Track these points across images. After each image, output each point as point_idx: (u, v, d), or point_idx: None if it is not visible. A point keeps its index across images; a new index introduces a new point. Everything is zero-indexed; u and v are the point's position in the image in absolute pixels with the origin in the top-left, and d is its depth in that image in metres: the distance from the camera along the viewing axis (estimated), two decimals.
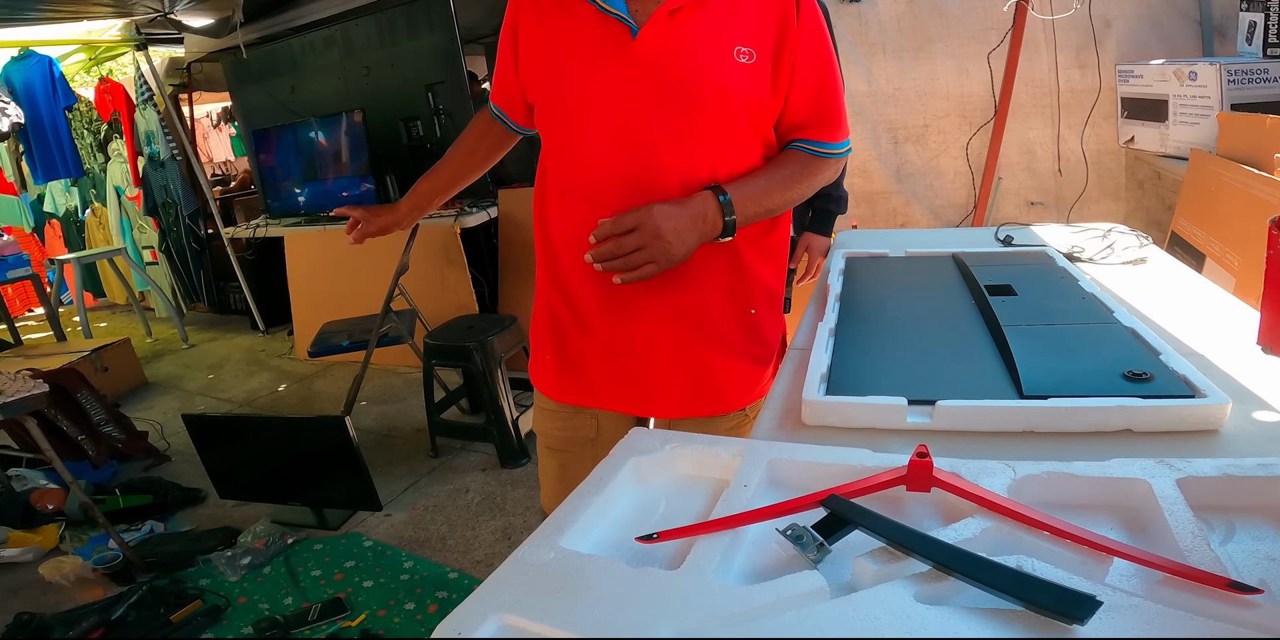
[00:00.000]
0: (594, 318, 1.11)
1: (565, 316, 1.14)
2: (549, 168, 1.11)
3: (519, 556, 0.62)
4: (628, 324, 1.09)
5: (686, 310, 1.09)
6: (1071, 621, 0.48)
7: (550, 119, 1.08)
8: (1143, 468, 0.66)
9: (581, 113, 1.03)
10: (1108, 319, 1.06)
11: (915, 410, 0.87)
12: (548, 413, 1.23)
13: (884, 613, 0.51)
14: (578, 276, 1.10)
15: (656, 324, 1.08)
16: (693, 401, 1.14)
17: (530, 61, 1.08)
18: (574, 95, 1.03)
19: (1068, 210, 2.81)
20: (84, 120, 4.81)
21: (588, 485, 0.73)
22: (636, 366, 1.11)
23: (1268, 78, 2.01)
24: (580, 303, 1.11)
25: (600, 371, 1.13)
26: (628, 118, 1.00)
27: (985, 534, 0.60)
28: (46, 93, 4.28)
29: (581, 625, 0.53)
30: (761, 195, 1.04)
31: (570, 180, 1.08)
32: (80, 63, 4.90)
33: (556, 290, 1.14)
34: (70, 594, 2.18)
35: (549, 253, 1.15)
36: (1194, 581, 0.51)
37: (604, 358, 1.12)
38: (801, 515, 0.64)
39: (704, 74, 0.98)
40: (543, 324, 1.19)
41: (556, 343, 1.16)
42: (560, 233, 1.11)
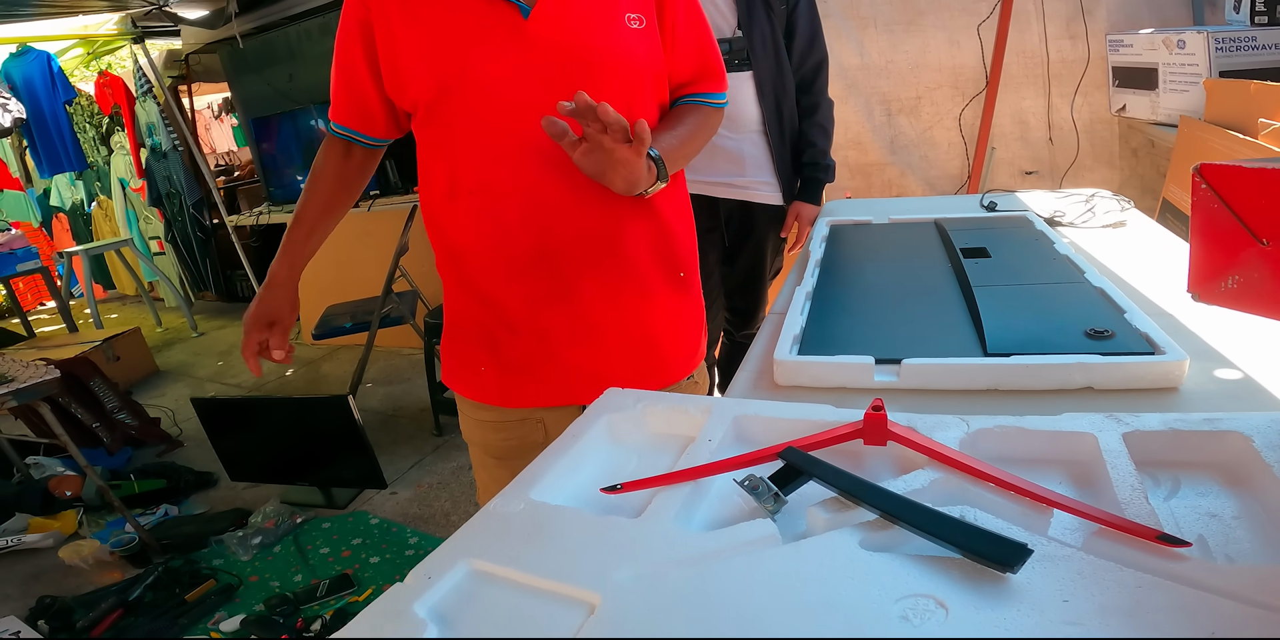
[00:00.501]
0: (524, 315, 1.05)
1: (491, 322, 1.07)
2: (448, 169, 1.02)
3: (490, 508, 0.65)
4: (568, 311, 1.04)
5: (625, 283, 1.05)
6: (1004, 569, 0.50)
7: (445, 117, 0.99)
8: (1091, 422, 0.68)
9: (486, 103, 0.96)
10: (1078, 279, 1.09)
11: (883, 369, 0.90)
12: (489, 424, 1.14)
13: (830, 558, 0.54)
14: (499, 279, 1.03)
15: (597, 303, 1.04)
16: (643, 376, 1.11)
17: (407, 60, 0.97)
18: (473, 86, 0.96)
19: (1060, 178, 2.81)
20: (85, 114, 4.85)
21: (561, 442, 0.76)
22: (582, 353, 1.06)
23: (1255, 45, 2.00)
24: (506, 304, 1.05)
25: (546, 367, 1.07)
26: (539, 100, 0.95)
27: (934, 485, 0.62)
28: (46, 88, 4.32)
29: (546, 568, 0.56)
30: (679, 150, 1.04)
31: (482, 177, 1.00)
32: (78, 57, 4.92)
33: (475, 298, 1.07)
34: (90, 577, 2.25)
35: (458, 260, 1.06)
36: (1127, 533, 0.52)
37: (547, 353, 1.06)
38: (760, 467, 0.67)
39: (605, 45, 0.97)
40: (467, 335, 1.11)
41: (490, 350, 1.08)
42: (473, 235, 1.03)
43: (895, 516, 0.57)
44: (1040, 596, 0.48)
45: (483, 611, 0.53)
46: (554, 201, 0.99)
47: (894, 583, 0.51)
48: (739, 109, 1.80)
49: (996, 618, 0.47)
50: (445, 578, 0.56)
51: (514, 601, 0.54)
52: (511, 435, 1.14)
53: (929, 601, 0.49)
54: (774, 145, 1.83)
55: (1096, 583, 0.48)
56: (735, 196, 1.87)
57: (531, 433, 1.13)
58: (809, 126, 1.88)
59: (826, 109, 1.90)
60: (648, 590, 0.52)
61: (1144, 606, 0.46)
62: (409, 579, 0.56)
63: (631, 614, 0.50)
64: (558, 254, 1.01)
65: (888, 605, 0.49)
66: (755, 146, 1.84)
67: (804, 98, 1.87)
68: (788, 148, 1.87)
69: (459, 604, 0.54)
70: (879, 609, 0.48)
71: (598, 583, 0.53)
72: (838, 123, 2.04)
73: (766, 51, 1.77)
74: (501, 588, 0.56)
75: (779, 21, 1.79)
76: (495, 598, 0.55)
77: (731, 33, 1.78)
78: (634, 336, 1.08)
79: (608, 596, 0.52)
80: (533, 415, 1.12)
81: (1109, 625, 0.45)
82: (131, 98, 4.57)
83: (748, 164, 1.84)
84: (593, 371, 1.07)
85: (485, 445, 1.17)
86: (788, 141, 1.86)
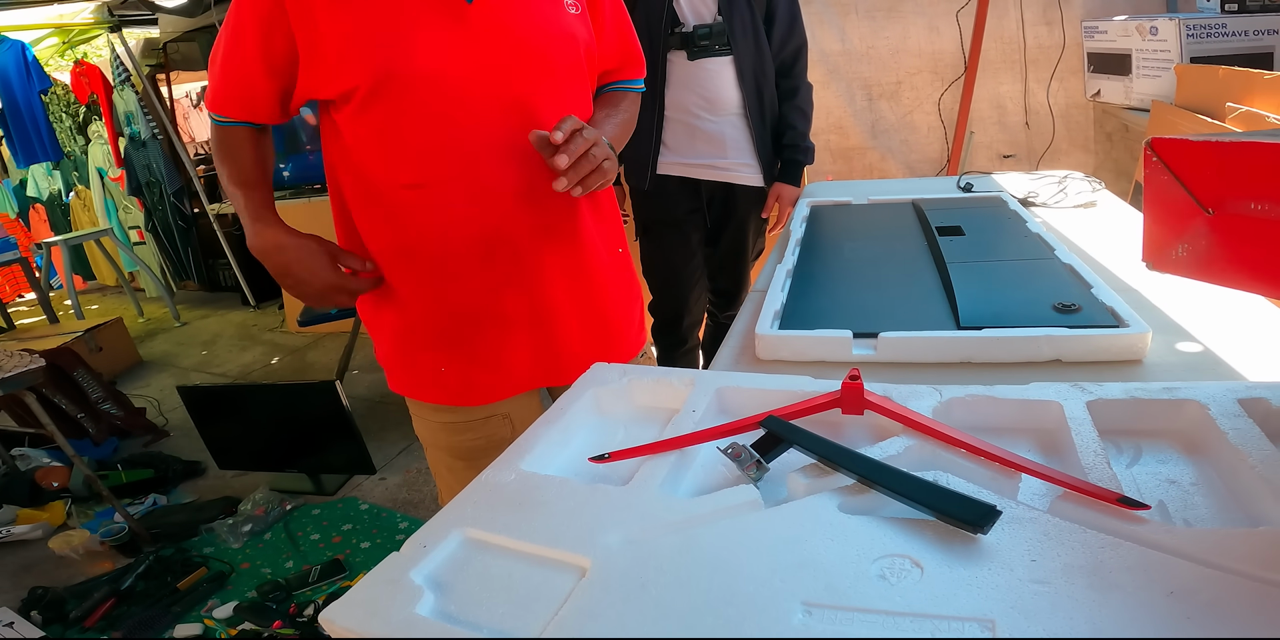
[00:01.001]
0: (483, 303, 1.02)
1: (448, 318, 1.03)
2: (388, 163, 0.96)
3: (482, 479, 0.66)
4: (527, 295, 1.03)
5: (577, 262, 1.06)
6: (975, 530, 0.52)
7: (383, 107, 0.92)
8: (1057, 391, 0.70)
9: (430, 92, 0.92)
10: (1047, 256, 1.12)
11: (860, 343, 0.93)
12: (452, 426, 1.11)
13: (810, 521, 0.56)
14: (455, 270, 1.00)
15: (555, 284, 1.04)
16: (600, 354, 1.08)
17: (334, 47, 0.90)
18: (416, 75, 0.91)
19: (1037, 162, 2.86)
20: (62, 103, 4.78)
21: (550, 415, 0.77)
22: (543, 335, 1.06)
23: (1225, 32, 2.05)
24: (464, 295, 1.02)
25: (509, 355, 1.06)
26: (485, 87, 0.93)
27: (908, 452, 0.64)
28: (21, 77, 4.25)
29: (537, 535, 0.57)
30: (620, 137, 1.07)
31: (433, 167, 0.95)
32: (53, 47, 4.84)
33: (429, 295, 1.03)
34: (80, 567, 2.25)
35: (407, 257, 1.01)
36: (1089, 497, 0.55)
37: (509, 339, 1.05)
38: (742, 436, 0.70)
39: (550, 28, 0.97)
40: (421, 338, 1.06)
41: (449, 348, 1.05)
42: (423, 230, 0.98)
43: (872, 481, 0.59)
44: (1009, 556, 0.50)
45: (477, 577, 0.55)
46: (505, 188, 0.97)
47: (871, 543, 0.53)
48: (720, 93, 1.82)
49: (968, 576, 0.49)
50: (440, 546, 0.57)
51: (507, 567, 0.55)
52: (478, 435, 1.11)
53: (905, 561, 0.51)
54: (754, 128, 1.86)
55: (1061, 543, 0.51)
56: (717, 178, 1.90)
57: (498, 429, 1.11)
58: (789, 110, 1.91)
59: (806, 93, 1.93)
60: (636, 554, 0.54)
61: (1106, 566, 0.48)
62: (405, 548, 0.57)
63: (621, 576, 0.52)
64: (514, 239, 1.00)
65: (866, 565, 0.51)
66: (736, 129, 1.86)
67: (783, 82, 1.90)
68: (768, 130, 1.89)
69: (454, 571, 0.56)
70: (857, 568, 0.51)
71: (588, 547, 0.55)
72: (819, 107, 2.07)
73: (746, 36, 1.79)
74: (495, 554, 0.57)
75: (759, 7, 1.81)
76: (489, 564, 0.56)
77: (712, 18, 1.79)
78: (589, 315, 1.09)
79: (598, 560, 0.54)
80: (498, 411, 1.10)
81: (1074, 583, 0.47)
82: (109, 87, 4.51)
83: (729, 146, 1.87)
84: (554, 353, 1.08)
85: (450, 448, 1.13)
86: (768, 124, 1.89)
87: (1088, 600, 0.46)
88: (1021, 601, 0.46)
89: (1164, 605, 0.45)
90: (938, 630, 0.45)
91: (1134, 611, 0.45)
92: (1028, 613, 0.46)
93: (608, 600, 0.50)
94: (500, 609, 0.52)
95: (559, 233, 1.03)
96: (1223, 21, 2.05)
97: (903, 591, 0.49)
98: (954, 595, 0.48)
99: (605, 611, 0.49)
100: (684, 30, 1.78)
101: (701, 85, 1.80)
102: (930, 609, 0.47)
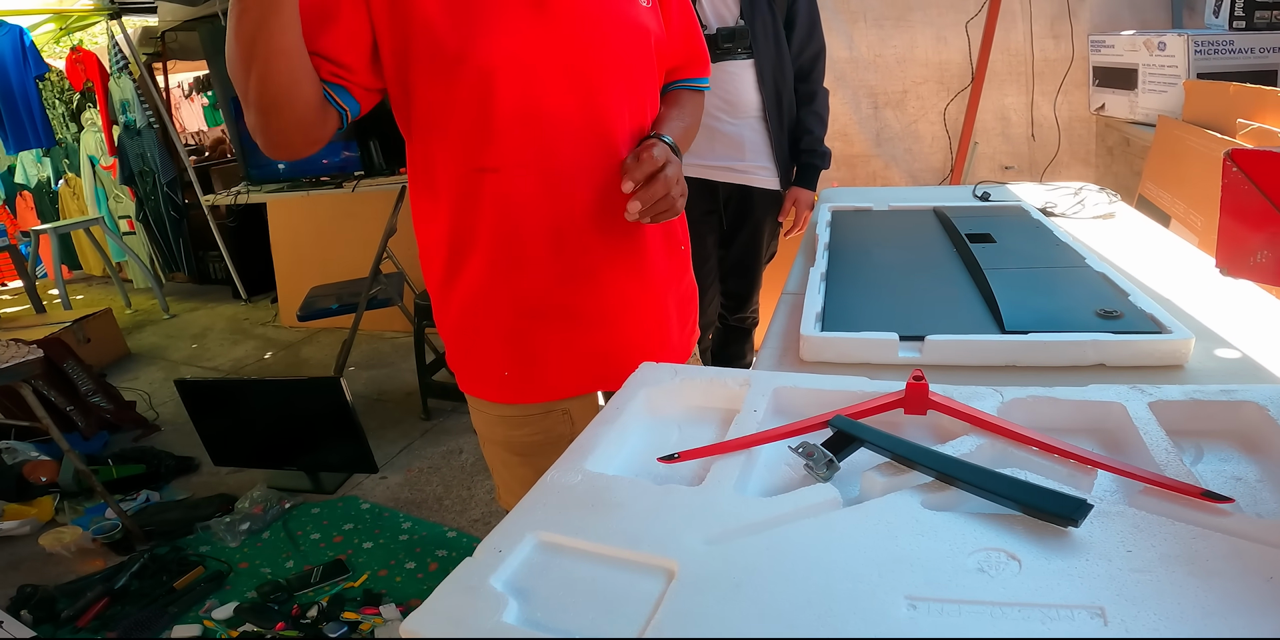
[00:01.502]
0: (550, 296, 1.01)
1: (512, 313, 1.02)
2: (461, 144, 0.95)
3: (548, 480, 0.65)
4: (594, 290, 1.02)
5: (640, 258, 1.05)
6: (1067, 523, 0.53)
7: (463, 87, 0.91)
8: (1117, 392, 0.71)
9: (507, 77, 0.91)
10: (1080, 264, 1.13)
11: (905, 346, 0.93)
12: (511, 420, 1.10)
13: (896, 518, 0.56)
14: (524, 259, 0.99)
15: (620, 281, 1.04)
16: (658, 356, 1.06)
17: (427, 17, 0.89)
18: (498, 56, 0.90)
19: (1040, 174, 2.89)
20: (55, 90, 4.70)
21: (604, 415, 0.77)
22: (605, 334, 1.05)
23: (1232, 49, 2.09)
24: (531, 286, 1.00)
25: (573, 352, 1.05)
26: (566, 73, 0.93)
27: (979, 451, 0.65)
28: (17, 62, 4.18)
29: (615, 538, 0.56)
30: (685, 136, 1.07)
31: (506, 152, 0.94)
32: (50, 33, 4.76)
33: (494, 289, 1.01)
34: (71, 565, 2.20)
35: (477, 243, 0.99)
36: (1172, 492, 0.56)
37: (574, 336, 1.04)
38: (809, 436, 0.70)
39: (624, 20, 0.97)
40: (484, 339, 1.04)
41: (513, 346, 1.04)
42: (497, 216, 0.97)
43: (953, 478, 0.60)
44: (1104, 547, 0.51)
45: (560, 582, 0.54)
46: (577, 177, 0.97)
47: (963, 538, 0.53)
48: (740, 95, 1.83)
49: (1067, 567, 0.50)
50: (515, 551, 0.56)
51: (589, 572, 0.54)
52: (536, 429, 1.10)
53: (1000, 555, 0.52)
54: (773, 131, 1.87)
55: (1153, 535, 0.52)
56: (734, 181, 1.90)
57: (557, 425, 1.10)
58: (806, 114, 1.92)
59: (823, 98, 1.94)
60: (723, 554, 0.54)
61: (1201, 555, 0.49)
62: (478, 553, 0.56)
63: (712, 577, 0.51)
64: (584, 230, 0.99)
65: (962, 559, 0.51)
66: (755, 132, 1.87)
67: (802, 86, 1.91)
68: (785, 134, 1.90)
69: (534, 576, 0.54)
70: (954, 562, 0.51)
71: (671, 549, 0.54)
72: None
73: (768, 40, 1.81)
74: (573, 558, 0.56)
75: (780, 12, 1.82)
76: (569, 568, 0.55)
77: (734, 21, 1.80)
78: (651, 313, 1.08)
79: (685, 562, 0.53)
80: (557, 407, 1.09)
81: (1174, 571, 0.48)
82: (105, 74, 4.44)
83: (747, 149, 1.87)
84: (615, 352, 1.06)
85: (508, 443, 1.12)
86: (785, 128, 1.90)
87: (1190, 586, 0.47)
88: (1126, 589, 0.47)
89: (1266, 589, 0.46)
90: (1048, 619, 0.46)
91: (1237, 596, 0.46)
92: (1134, 599, 0.46)
93: (704, 601, 0.50)
94: (589, 614, 0.51)
95: (628, 227, 1.01)
96: (1230, 38, 2.09)
97: (1004, 583, 0.49)
98: (1056, 585, 0.49)
99: (704, 613, 0.49)
100: (707, 32, 1.79)
101: (722, 87, 1.81)
102: (1036, 599, 0.47)
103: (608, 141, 0.97)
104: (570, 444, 1.14)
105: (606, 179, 0.98)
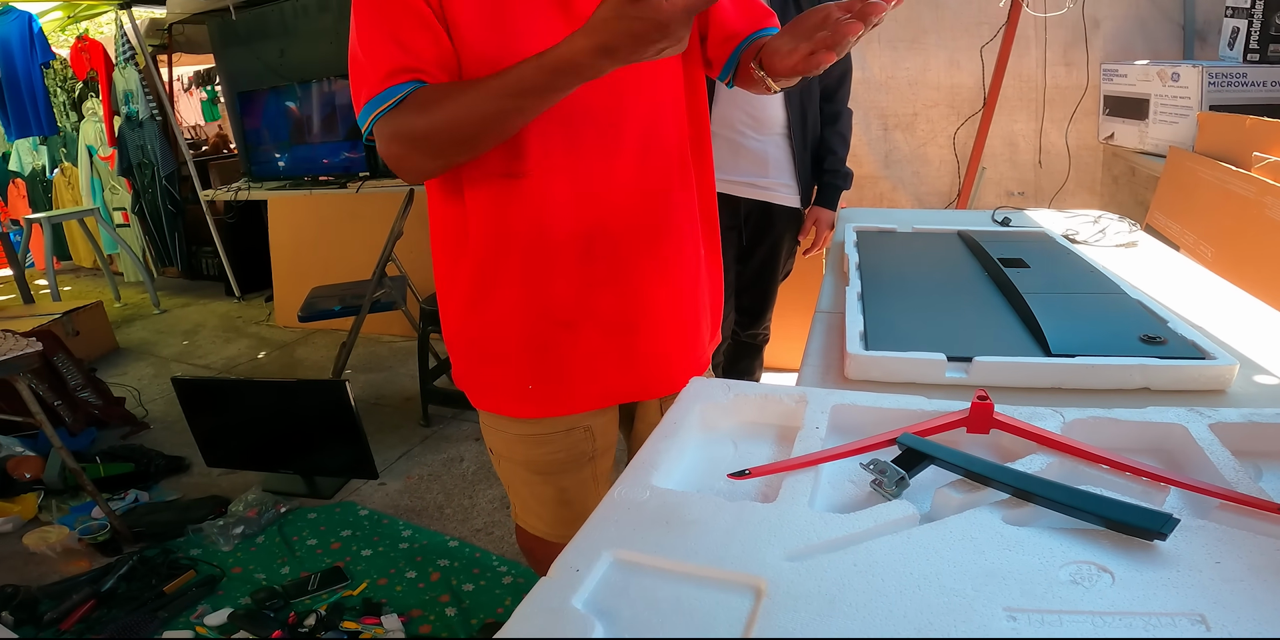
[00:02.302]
0: (579, 304, 0.99)
1: (539, 323, 1.00)
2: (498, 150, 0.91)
3: (615, 496, 0.64)
4: (622, 296, 1.00)
5: (672, 265, 1.03)
6: (1153, 537, 0.53)
7: None
8: (1176, 414, 0.73)
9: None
10: (1116, 290, 1.15)
11: (952, 366, 0.94)
12: (532, 438, 1.07)
13: (978, 533, 0.56)
14: (552, 266, 0.97)
15: (652, 288, 1.02)
16: (685, 365, 1.09)
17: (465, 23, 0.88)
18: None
19: (1047, 201, 2.93)
20: (59, 78, 4.66)
21: (663, 430, 0.76)
22: (634, 341, 1.03)
23: (1246, 81, 2.13)
24: (560, 294, 0.98)
25: (599, 365, 1.03)
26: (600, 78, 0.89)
27: (1049, 469, 0.65)
28: (24, 49, 4.14)
29: (696, 555, 0.55)
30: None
31: (535, 156, 0.93)
32: (56, 21, 4.73)
33: (522, 298, 0.99)
34: (55, 565, 2.12)
35: (502, 249, 0.97)
36: (1248, 507, 0.57)
37: (601, 347, 1.02)
38: (877, 453, 0.69)
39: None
40: (509, 351, 1.02)
41: (539, 356, 1.01)
42: (522, 219, 0.95)
43: (1032, 494, 0.60)
44: (1192, 559, 0.52)
45: (644, 602, 0.52)
46: (607, 182, 0.96)
47: (1050, 552, 0.54)
48: (766, 111, 1.84)
49: (1159, 578, 0.51)
50: (592, 570, 0.55)
51: (672, 590, 0.53)
52: (559, 448, 1.08)
53: (1090, 568, 0.52)
54: (796, 149, 1.87)
55: (1239, 547, 0.53)
56: (756, 197, 1.91)
57: (580, 442, 1.08)
58: (830, 134, 1.93)
59: (847, 118, 1.96)
60: (811, 571, 0.53)
61: None
62: (553, 573, 0.55)
63: (804, 594, 0.51)
64: (613, 237, 0.98)
65: (1054, 571, 0.52)
66: (779, 149, 1.88)
67: (827, 106, 1.92)
68: (808, 153, 1.91)
69: (615, 596, 0.53)
70: (1046, 575, 0.51)
71: (757, 566, 0.54)
72: None
73: None
74: (654, 577, 0.55)
75: None
76: (650, 587, 0.54)
77: None
78: (680, 323, 1.07)
79: (773, 579, 0.52)
80: (580, 423, 1.07)
81: (1265, 581, 0.50)
82: (110, 64, 4.40)
83: (770, 165, 1.88)
84: (641, 363, 1.04)
85: (529, 462, 1.10)
86: (809, 147, 1.91)
87: None
88: (1221, 598, 0.49)
89: None
90: (1150, 626, 0.47)
91: None
92: (1231, 607, 0.48)
93: (801, 618, 0.49)
94: (681, 633, 0.50)
95: (659, 233, 1.00)
96: (1244, 71, 2.13)
97: (1100, 594, 0.50)
98: (1152, 596, 0.50)
99: (802, 629, 0.48)
100: None
101: (749, 102, 1.82)
102: (1135, 607, 0.48)
103: (634, 146, 0.96)
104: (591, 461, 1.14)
105: (635, 183, 0.97)
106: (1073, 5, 2.56)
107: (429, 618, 1.81)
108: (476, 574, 1.96)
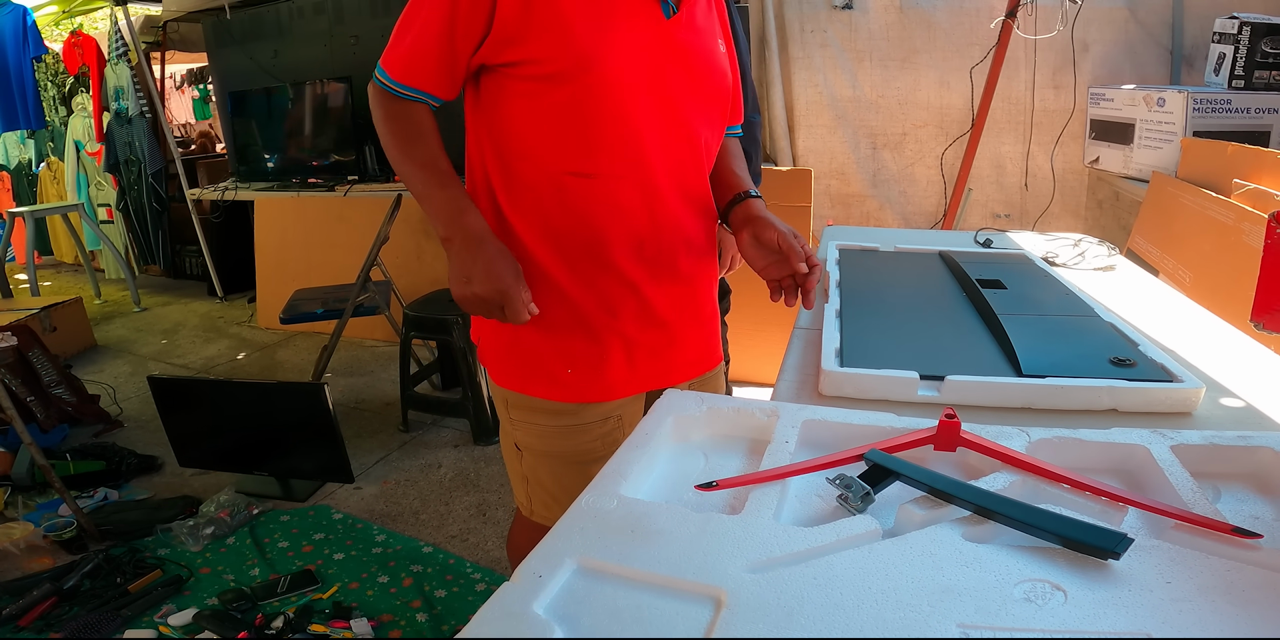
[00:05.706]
0: (629, 298, 1.06)
1: (586, 308, 1.06)
2: (559, 147, 0.99)
3: (582, 504, 0.64)
4: (667, 290, 1.09)
5: (700, 266, 1.14)
6: (1108, 556, 0.54)
7: (574, 90, 0.96)
8: (1140, 435, 0.75)
9: (621, 87, 0.97)
10: (1090, 313, 1.16)
11: (924, 384, 0.95)
12: (569, 428, 1.11)
13: (938, 550, 0.57)
14: (606, 260, 1.04)
15: (683, 286, 1.12)
16: (702, 356, 1.18)
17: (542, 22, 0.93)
18: (614, 68, 0.96)
19: (1031, 224, 2.96)
20: (50, 72, 4.63)
21: (635, 440, 0.77)
22: (665, 333, 1.11)
23: (1231, 108, 2.17)
24: (616, 287, 1.05)
25: (636, 354, 1.09)
26: (664, 95, 1.00)
27: (1011, 487, 0.66)
28: (16, 42, 4.11)
29: (658, 564, 0.56)
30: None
31: (607, 159, 1.00)
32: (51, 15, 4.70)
33: (578, 281, 1.05)
34: (18, 562, 2.08)
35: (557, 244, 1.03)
36: (1202, 527, 0.58)
37: (639, 337, 1.09)
38: (844, 468, 0.70)
39: (716, 60, 1.07)
40: (551, 332, 1.07)
41: (584, 339, 1.07)
42: (585, 217, 1.02)
43: (993, 511, 0.60)
44: (1144, 579, 0.53)
45: (604, 609, 0.53)
46: (666, 189, 1.05)
47: (1007, 570, 0.55)
48: None
49: (1110, 597, 0.51)
50: (555, 576, 0.55)
51: (633, 598, 0.54)
52: (594, 436, 1.12)
53: (1044, 585, 0.53)
54: None
55: (1190, 567, 0.54)
56: None
57: (614, 431, 1.13)
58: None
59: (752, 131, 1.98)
60: (771, 583, 0.54)
61: (1237, 586, 0.52)
62: (517, 578, 0.55)
63: (763, 605, 0.51)
64: (661, 238, 1.06)
65: (1008, 589, 0.53)
66: None
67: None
68: None
69: (576, 602, 0.54)
70: (1001, 592, 0.52)
71: (718, 577, 0.54)
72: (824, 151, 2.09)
73: None
74: (616, 584, 0.55)
75: None
76: (612, 595, 0.54)
77: None
78: (702, 318, 1.17)
79: (733, 590, 0.53)
80: (614, 412, 1.12)
81: (1213, 601, 0.50)
82: (103, 60, 4.38)
83: None
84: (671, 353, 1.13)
85: (564, 453, 1.13)
86: None
87: (1230, 614, 0.50)
88: (1169, 617, 0.50)
89: None
90: None
91: (1276, 623, 0.49)
92: (1178, 627, 0.49)
93: (758, 629, 0.50)
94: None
95: (692, 237, 1.10)
96: (1228, 97, 2.16)
97: (1052, 612, 0.51)
98: (1102, 615, 0.50)
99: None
100: None
101: None
102: (1085, 626, 0.49)
103: (691, 158, 1.07)
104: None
105: (687, 190, 1.08)
106: (1063, 28, 2.60)
107: (399, 623, 1.79)
108: (450, 580, 1.94)
